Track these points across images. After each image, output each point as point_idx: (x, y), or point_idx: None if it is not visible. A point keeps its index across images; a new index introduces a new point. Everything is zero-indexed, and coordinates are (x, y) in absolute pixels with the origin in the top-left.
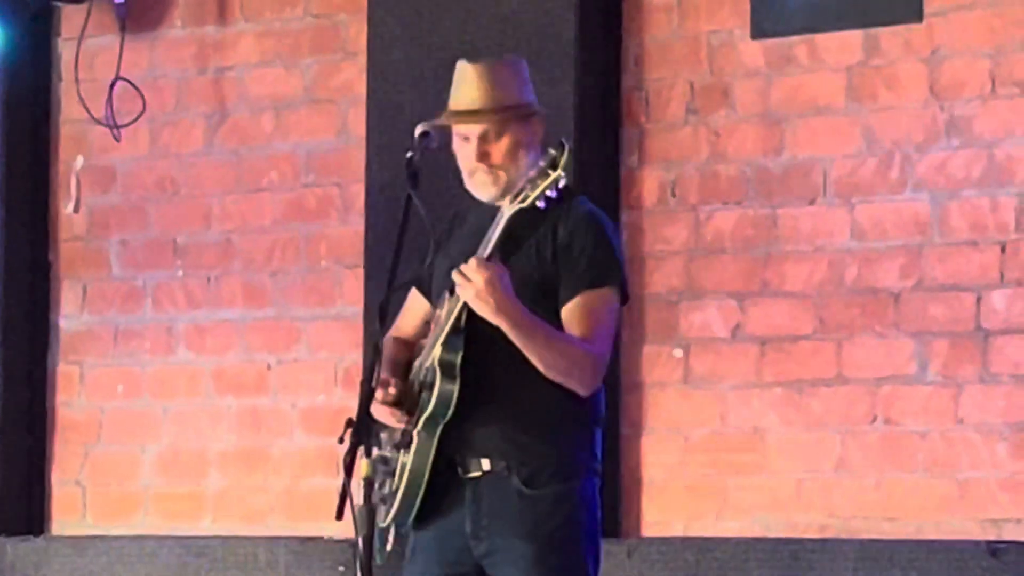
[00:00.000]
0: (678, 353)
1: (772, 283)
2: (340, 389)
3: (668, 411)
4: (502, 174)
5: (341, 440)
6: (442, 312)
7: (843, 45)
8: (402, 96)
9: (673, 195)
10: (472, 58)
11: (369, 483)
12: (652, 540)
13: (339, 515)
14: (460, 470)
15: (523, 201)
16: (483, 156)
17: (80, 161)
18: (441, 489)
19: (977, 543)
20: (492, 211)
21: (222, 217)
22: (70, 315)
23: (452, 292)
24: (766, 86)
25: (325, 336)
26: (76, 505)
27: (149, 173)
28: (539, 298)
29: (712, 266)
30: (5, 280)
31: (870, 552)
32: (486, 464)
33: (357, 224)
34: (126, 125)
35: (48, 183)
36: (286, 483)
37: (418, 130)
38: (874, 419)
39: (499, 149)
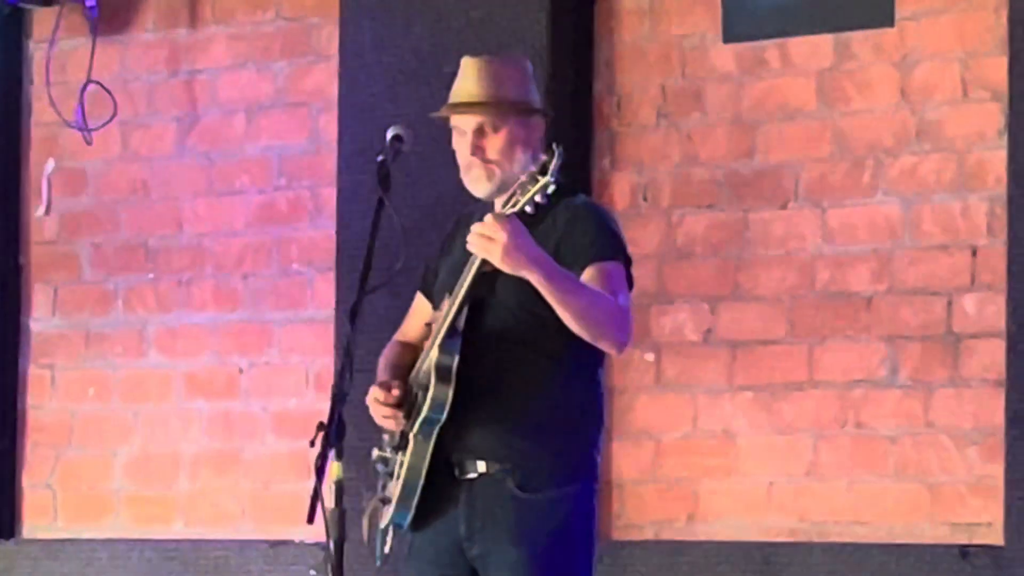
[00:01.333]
0: (650, 357)
1: (744, 287)
2: (312, 392)
3: (640, 415)
4: (496, 170)
5: (312, 443)
6: (441, 314)
7: (814, 49)
8: (374, 99)
9: (645, 199)
10: (472, 56)
11: (340, 486)
12: (624, 544)
13: (311, 518)
14: (457, 471)
15: (514, 206)
16: (477, 150)
17: (51, 164)
18: (439, 490)
19: (948, 547)
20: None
21: (193, 220)
22: (41, 318)
23: (451, 294)
24: (738, 90)
25: (297, 339)
26: (47, 508)
27: (120, 176)
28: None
29: (684, 270)
30: None
31: (841, 556)
32: (482, 466)
33: (329, 227)
34: (97, 128)
35: (19, 186)
36: (258, 486)
37: (390, 133)
38: (845, 423)
39: (494, 144)
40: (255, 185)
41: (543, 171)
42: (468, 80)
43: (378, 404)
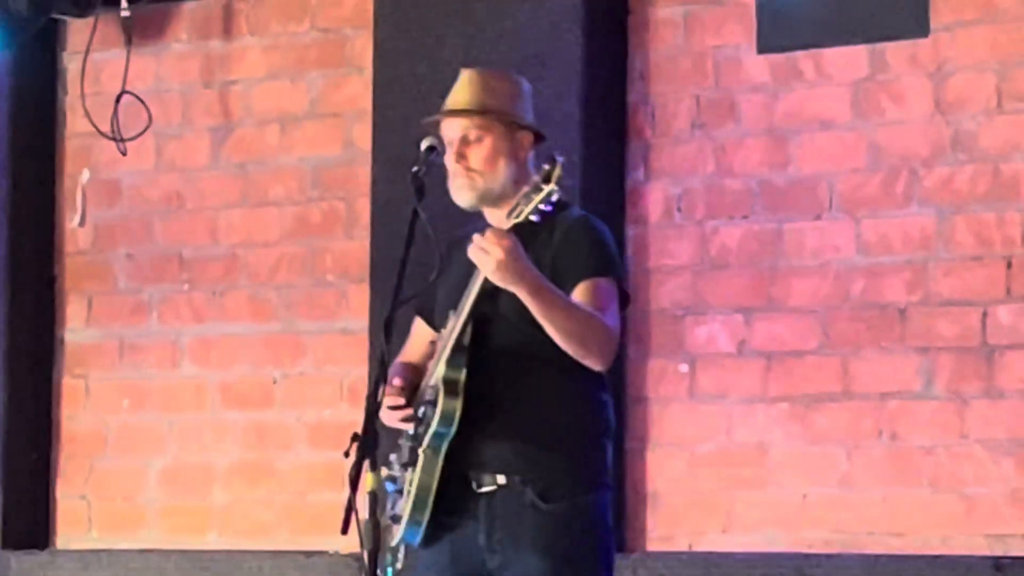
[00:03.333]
0: (684, 368)
1: (778, 298)
2: (346, 403)
3: (674, 426)
4: (479, 179)
5: (347, 454)
6: (446, 331)
7: (849, 60)
8: (408, 110)
9: (679, 210)
10: (474, 67)
11: (374, 497)
12: (657, 555)
13: (344, 529)
14: (474, 484)
15: (518, 216)
16: (460, 157)
17: (86, 175)
18: (452, 504)
19: (983, 558)
20: None
21: (228, 231)
22: (75, 329)
23: (455, 310)
24: (772, 101)
25: (331, 350)
26: (81, 519)
27: (154, 187)
28: None
29: (718, 281)
30: (11, 294)
31: (876, 567)
32: (501, 479)
33: (363, 238)
34: (132, 139)
35: (54, 197)
36: (291, 497)
37: (424, 144)
38: (880, 434)
39: (477, 153)
40: (289, 196)
41: (546, 180)
42: (459, 89)
43: (384, 405)
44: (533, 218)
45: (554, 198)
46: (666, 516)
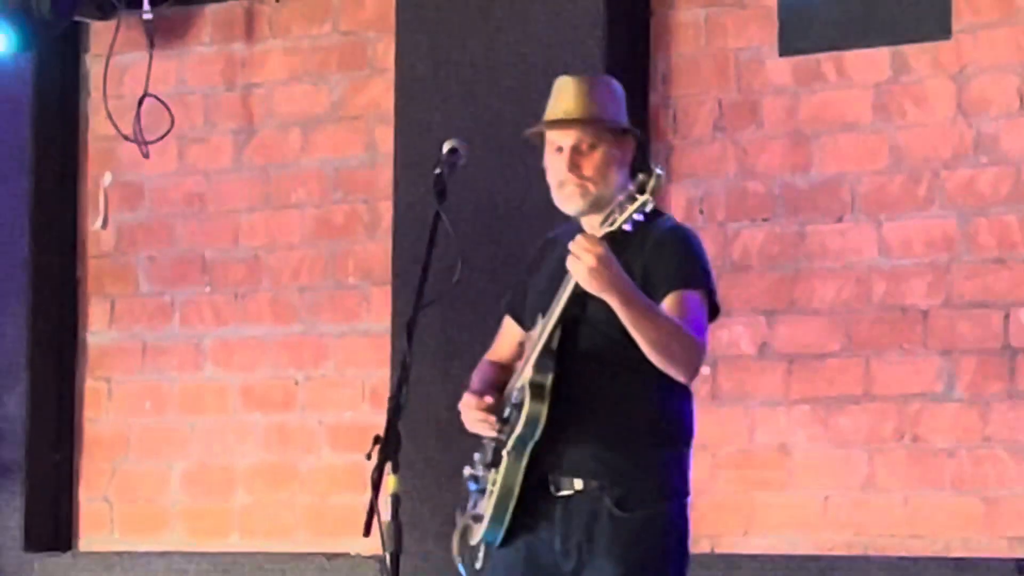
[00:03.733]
0: (705, 370)
1: (800, 300)
2: (368, 405)
3: (696, 428)
4: (591, 187)
5: (369, 456)
6: (535, 333)
7: (871, 62)
8: (430, 113)
9: (701, 212)
10: (573, 74)
11: (396, 499)
12: None
13: (367, 531)
14: (552, 488)
15: (611, 224)
16: (574, 167)
17: (108, 177)
18: (531, 505)
19: (1005, 561)
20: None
21: (250, 233)
22: (98, 331)
23: (545, 313)
24: (794, 103)
25: (353, 353)
26: (104, 521)
27: (177, 189)
28: None
29: (740, 283)
30: (33, 296)
31: (897, 570)
32: (578, 483)
33: (385, 241)
34: (154, 141)
35: (76, 199)
36: (313, 499)
37: (446, 147)
38: (901, 436)
39: (591, 161)
40: (311, 198)
41: (641, 190)
42: (566, 98)
43: (470, 409)
44: (626, 227)
45: (648, 208)
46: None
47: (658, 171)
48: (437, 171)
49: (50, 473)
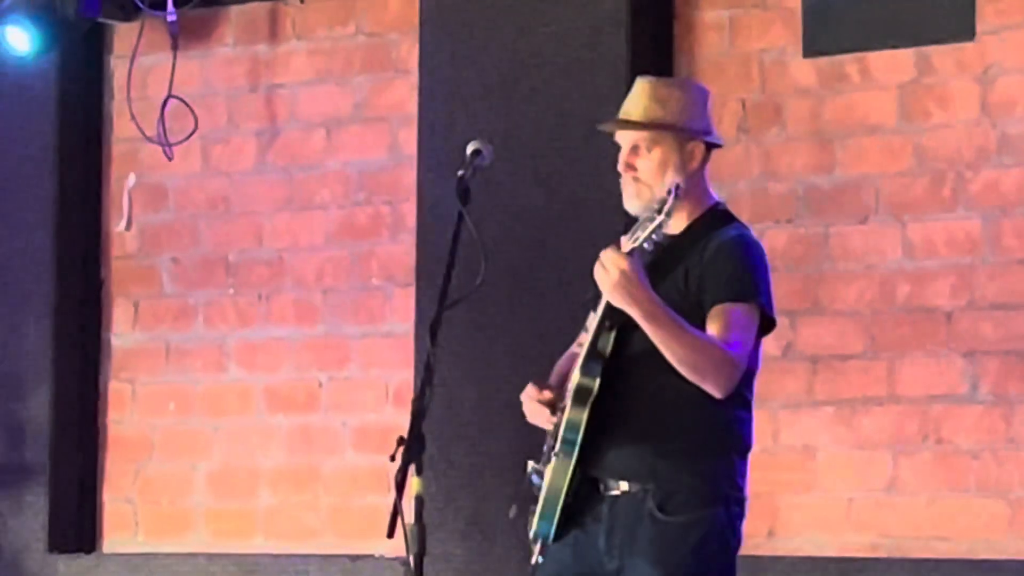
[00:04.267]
0: None
1: (823, 301)
2: (391, 407)
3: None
4: (644, 188)
5: (392, 458)
6: (585, 334)
7: (895, 63)
8: (453, 114)
9: None
10: (645, 77)
11: (420, 501)
12: None
13: (390, 533)
14: (601, 487)
15: (635, 241)
16: (628, 167)
17: (132, 179)
18: (582, 502)
19: None
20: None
21: (273, 235)
22: (122, 332)
23: (594, 311)
24: (818, 104)
25: (376, 354)
26: (128, 523)
27: (201, 191)
28: (686, 321)
29: None
30: (58, 297)
31: (921, 572)
32: (624, 485)
33: (408, 242)
34: (178, 143)
35: (100, 201)
36: (337, 501)
37: (469, 148)
38: (925, 438)
39: (646, 164)
40: (335, 200)
41: (660, 209)
42: (633, 99)
43: (529, 399)
44: (647, 246)
45: (664, 229)
46: None
47: (675, 189)
48: (460, 172)
49: (74, 475)
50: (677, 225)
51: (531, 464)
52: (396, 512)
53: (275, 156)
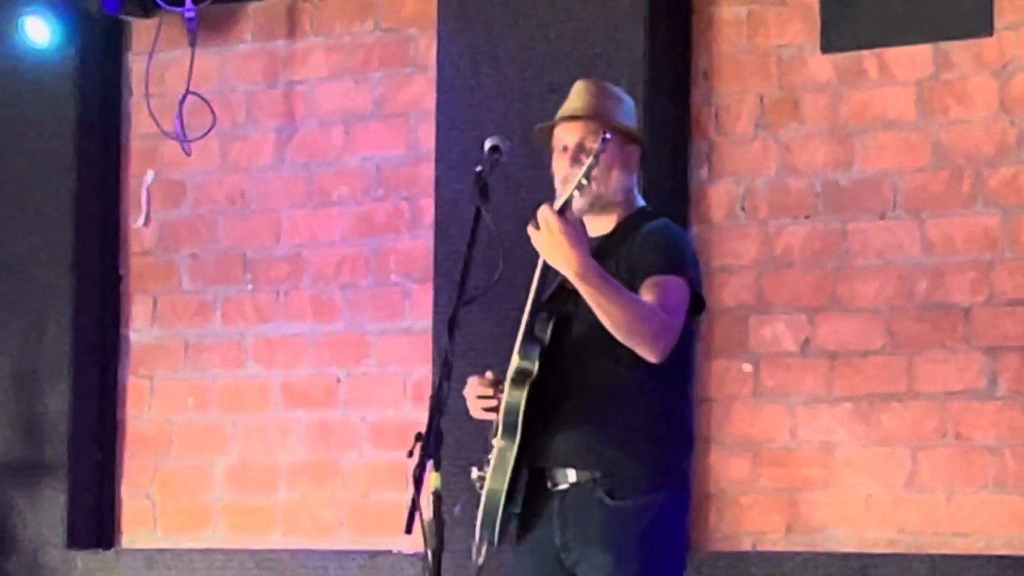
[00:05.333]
0: (748, 367)
1: (842, 298)
2: (409, 403)
3: (738, 425)
4: (593, 185)
5: (411, 454)
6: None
7: (913, 59)
8: (471, 110)
9: (743, 209)
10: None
11: (438, 497)
12: (721, 555)
13: (408, 529)
14: (549, 483)
15: (567, 190)
16: (576, 163)
17: (150, 175)
18: (532, 505)
19: None
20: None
21: (292, 231)
22: (140, 328)
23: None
24: (836, 100)
25: (394, 350)
26: (146, 518)
27: (219, 187)
28: None
29: (782, 280)
30: (76, 293)
31: (940, 568)
32: (572, 476)
33: (426, 238)
34: (196, 139)
35: (119, 197)
36: (355, 497)
37: (487, 144)
38: (944, 434)
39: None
40: (353, 196)
41: (593, 154)
42: (575, 97)
43: (470, 391)
44: (576, 193)
45: (594, 172)
46: (730, 516)
47: (605, 139)
48: (478, 168)
49: (93, 470)
50: (606, 226)
51: (475, 471)
52: (414, 508)
53: (293, 152)
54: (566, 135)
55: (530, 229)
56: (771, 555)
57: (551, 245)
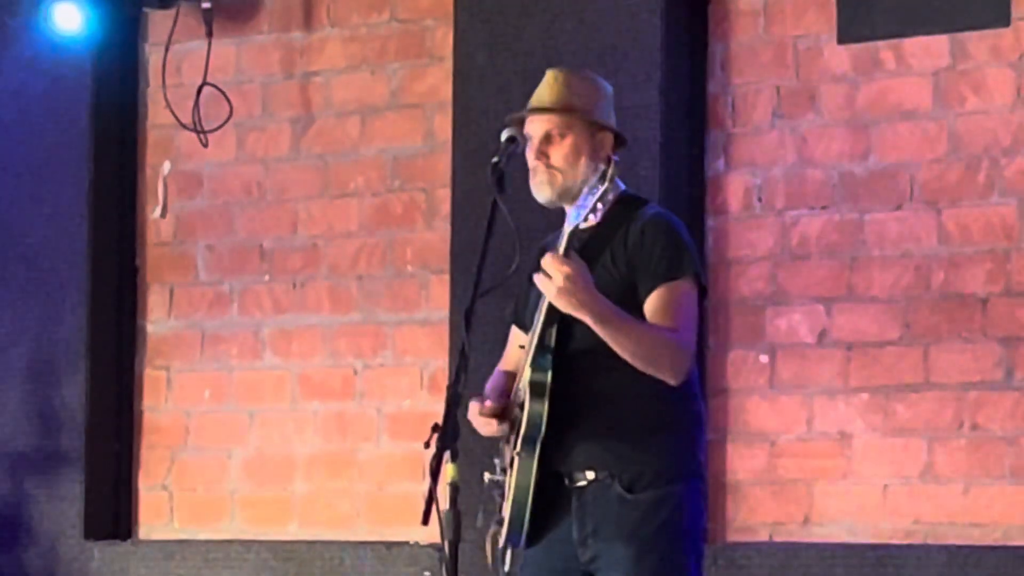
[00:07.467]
0: (764, 358)
1: (858, 288)
2: (426, 394)
3: (754, 416)
4: (558, 176)
5: (427, 445)
6: (530, 334)
7: (930, 50)
8: (488, 101)
9: (759, 200)
10: (559, 66)
11: (455, 488)
12: (738, 545)
13: (425, 520)
14: (567, 481)
15: (585, 220)
16: (541, 155)
17: (167, 166)
18: (550, 501)
19: None
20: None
21: (308, 222)
22: (157, 320)
23: (517, 324)
24: (852, 91)
25: (411, 341)
26: (163, 510)
27: (236, 178)
28: (622, 305)
29: (798, 271)
30: (93, 284)
31: (956, 558)
32: (591, 474)
33: (443, 229)
34: (213, 130)
35: (135, 188)
36: (372, 488)
37: (504, 135)
38: (961, 425)
39: (559, 150)
40: (369, 187)
41: (601, 179)
42: (543, 88)
43: (474, 416)
44: (592, 217)
45: (609, 197)
46: (746, 507)
47: (616, 159)
48: (495, 159)
49: (109, 462)
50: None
51: (487, 476)
52: (431, 499)
53: (310, 143)
54: (533, 127)
55: (538, 279)
56: (788, 546)
57: (564, 293)
